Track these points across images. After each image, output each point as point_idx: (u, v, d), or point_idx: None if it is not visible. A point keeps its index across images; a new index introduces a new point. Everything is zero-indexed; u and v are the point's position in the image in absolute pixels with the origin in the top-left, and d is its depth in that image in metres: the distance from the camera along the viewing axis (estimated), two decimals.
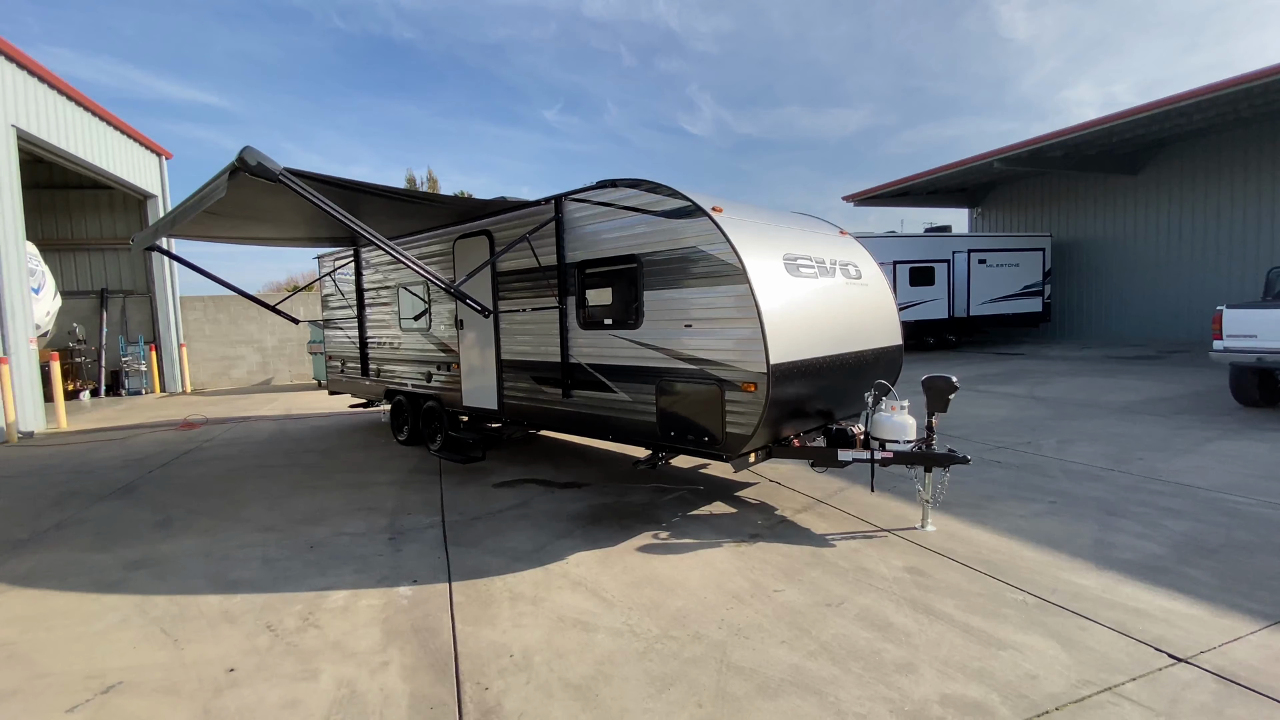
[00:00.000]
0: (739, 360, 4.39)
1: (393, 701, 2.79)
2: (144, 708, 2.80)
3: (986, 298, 19.74)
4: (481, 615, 3.57)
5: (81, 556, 4.70)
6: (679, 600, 3.69)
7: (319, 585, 4.05)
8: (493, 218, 6.33)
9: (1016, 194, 23.62)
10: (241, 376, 17.69)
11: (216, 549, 4.78)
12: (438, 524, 5.19)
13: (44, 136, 10.67)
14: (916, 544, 4.46)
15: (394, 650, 3.22)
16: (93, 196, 15.88)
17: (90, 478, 7.16)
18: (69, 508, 5.99)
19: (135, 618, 3.68)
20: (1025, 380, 12.38)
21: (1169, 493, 5.40)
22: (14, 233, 9.90)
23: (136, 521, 5.52)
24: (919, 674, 2.89)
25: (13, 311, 9.69)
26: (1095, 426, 8.04)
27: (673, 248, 4.75)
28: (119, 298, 16.48)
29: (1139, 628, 3.24)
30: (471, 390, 6.90)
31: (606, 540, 4.68)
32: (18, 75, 10.05)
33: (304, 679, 2.98)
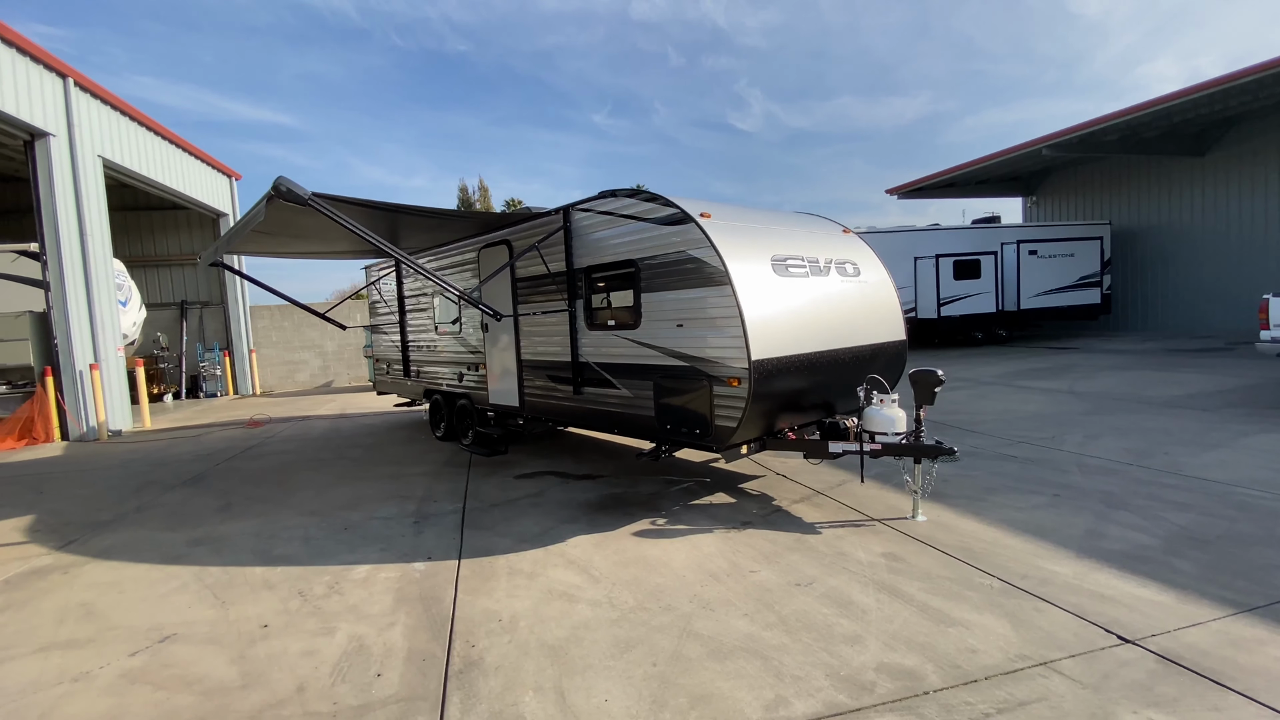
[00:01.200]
0: (724, 357, 4.66)
1: (393, 653, 3.23)
2: (191, 654, 3.34)
3: (1038, 290, 19.02)
4: (481, 587, 3.98)
5: (153, 535, 5.41)
6: (659, 578, 4.00)
7: (348, 560, 4.57)
8: (511, 228, 6.79)
9: (1074, 180, 22.62)
10: (305, 379, 18.97)
11: (266, 529, 5.40)
12: (459, 510, 5.66)
13: (127, 164, 11.89)
14: (902, 532, 4.62)
15: (401, 614, 3.67)
16: (172, 216, 17.42)
17: (166, 469, 8.04)
18: (146, 495, 6.80)
19: (192, 584, 4.28)
20: (1069, 375, 12.01)
21: (1183, 486, 5.32)
22: (103, 252, 11.10)
23: (201, 506, 6.24)
24: (864, 645, 3.11)
25: (102, 323, 10.88)
26: (1129, 421, 7.84)
27: (666, 252, 5.06)
28: (197, 308, 18.00)
29: (1097, 611, 3.34)
30: (497, 389, 7.38)
31: (607, 526, 5.03)
32: (103, 111, 11.26)
33: (323, 634, 3.46)
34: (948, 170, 22.40)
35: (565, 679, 2.93)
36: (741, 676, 2.89)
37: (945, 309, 18.54)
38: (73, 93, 10.23)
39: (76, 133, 10.29)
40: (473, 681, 2.94)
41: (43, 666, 3.26)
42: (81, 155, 10.45)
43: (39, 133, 9.78)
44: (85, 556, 4.94)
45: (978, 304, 18.75)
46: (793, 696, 2.72)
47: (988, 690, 2.71)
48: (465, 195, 45.73)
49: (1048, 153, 18.00)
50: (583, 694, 2.80)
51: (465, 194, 45.93)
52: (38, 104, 9.59)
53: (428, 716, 2.70)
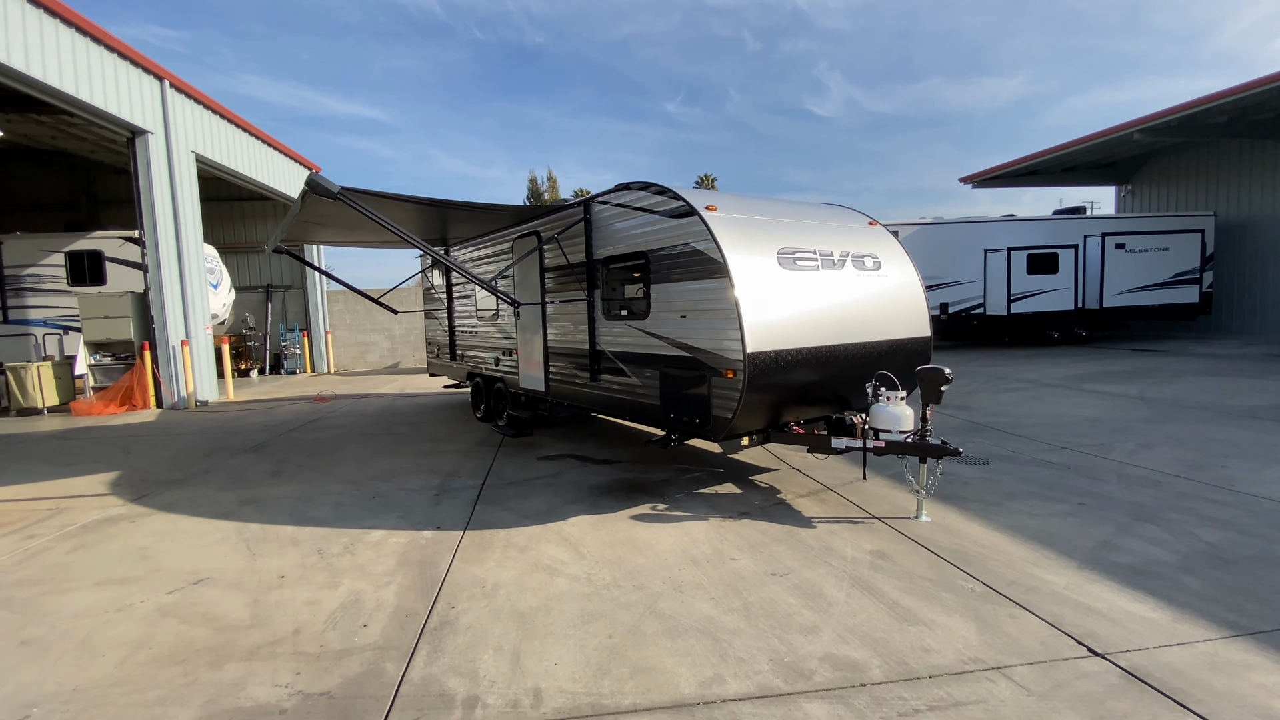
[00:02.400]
0: (721, 348, 4.72)
1: (382, 608, 3.55)
2: (216, 595, 3.79)
3: (1125, 287, 17.63)
4: (476, 557, 4.27)
5: (211, 494, 6.06)
6: (642, 559, 4.15)
7: (367, 525, 4.98)
8: (540, 220, 7.05)
9: (1174, 168, 20.70)
10: (374, 360, 20.19)
11: (306, 494, 5.93)
12: (478, 486, 6.01)
13: (216, 159, 13.04)
14: (900, 532, 4.55)
15: (399, 575, 4.00)
16: (259, 206, 18.91)
17: (236, 437, 8.89)
18: (215, 459, 7.57)
19: (232, 537, 4.80)
20: (1144, 379, 11.17)
21: (1228, 502, 4.95)
22: (194, 239, 12.26)
23: (257, 471, 6.90)
24: (818, 635, 3.16)
25: (193, 304, 12.03)
26: (1194, 431, 7.28)
27: (673, 244, 5.16)
28: (280, 292, 19.49)
29: (1075, 623, 3.23)
30: (526, 374, 7.70)
31: (608, 508, 5.22)
32: (196, 110, 12.39)
33: (328, 588, 3.84)
34: (1030, 156, 21.02)
35: (525, 643, 3.15)
36: (688, 654, 3.01)
37: (1016, 305, 17.52)
38: (169, 93, 11.33)
39: (172, 130, 11.40)
40: (443, 639, 3.21)
41: (95, 598, 3.80)
42: (176, 151, 11.56)
43: (139, 130, 10.90)
44: (152, 509, 5.61)
45: (1053, 301, 17.60)
46: (730, 676, 2.82)
47: (927, 688, 2.72)
48: (535, 186, 46.83)
49: (1140, 137, 16.56)
50: (536, 657, 3.01)
51: (535, 185, 47.03)
52: (137, 104, 10.69)
53: (395, 664, 2.99)
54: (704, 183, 48.22)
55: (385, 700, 2.71)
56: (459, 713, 2.62)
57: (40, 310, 13.75)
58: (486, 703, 2.68)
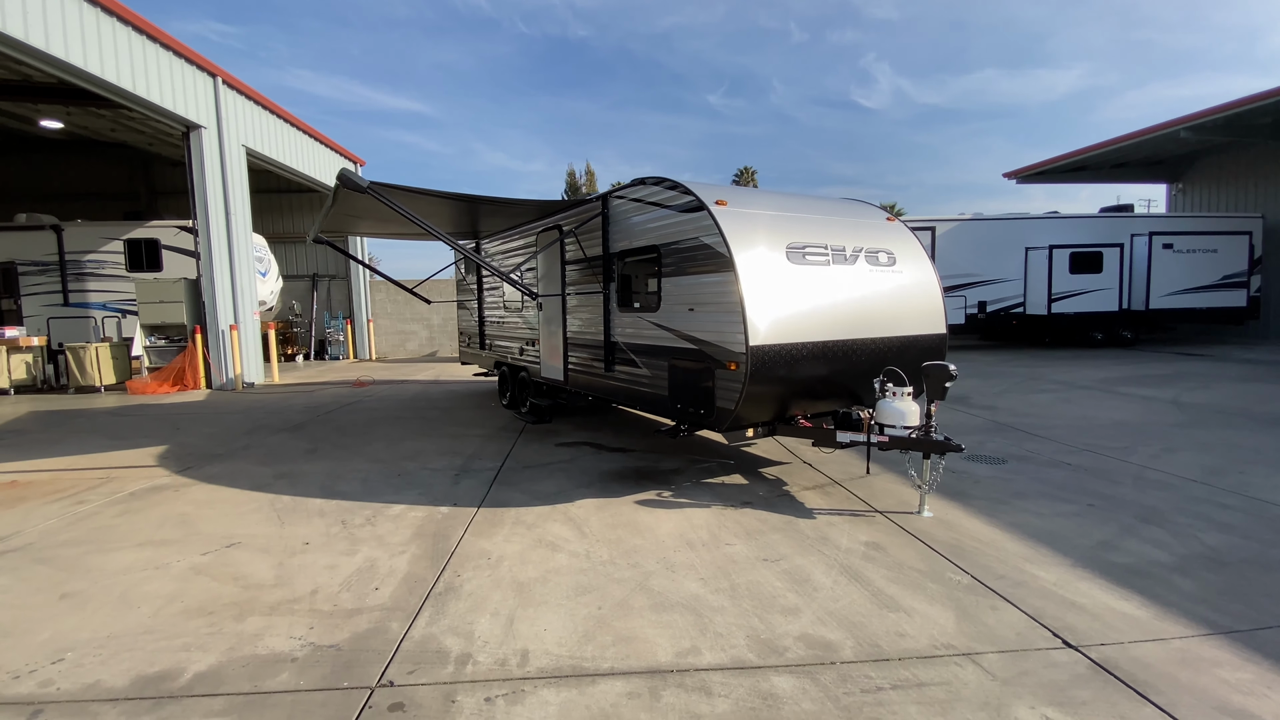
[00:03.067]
0: (725, 341, 4.86)
1: (394, 574, 3.83)
2: (245, 558, 4.13)
3: (1172, 289, 16.98)
4: (486, 531, 4.52)
5: (250, 468, 6.49)
6: (640, 540, 4.34)
7: (390, 500, 5.30)
8: (563, 214, 7.27)
9: (1226, 167, 19.72)
10: (414, 348, 20.85)
11: (336, 470, 6.30)
12: (496, 469, 6.28)
13: (266, 152, 13.68)
14: (899, 526, 4.63)
15: (413, 545, 4.28)
16: (307, 198, 19.69)
17: (277, 417, 9.40)
18: (256, 436, 8.06)
19: (265, 507, 5.17)
20: (1182, 383, 10.82)
21: (1239, 508, 4.87)
22: (244, 228, 12.91)
23: (294, 449, 7.33)
24: (798, 617, 3.30)
25: (242, 290, 12.69)
26: (1221, 436, 7.09)
27: (683, 239, 5.30)
28: (325, 281, 20.28)
29: (1056, 616, 3.29)
30: (547, 363, 7.96)
31: (616, 493, 5.42)
32: (246, 105, 13.02)
33: (346, 554, 4.14)
34: (1077, 152, 20.33)
35: (520, 610, 3.37)
36: (670, 627, 3.19)
37: (1057, 305, 17.03)
38: (221, 89, 11.94)
39: (224, 125, 12.03)
40: (445, 603, 3.46)
41: (136, 556, 4.19)
42: (228, 144, 12.19)
43: (193, 125, 11.54)
44: (195, 480, 6.05)
45: (1097, 301, 17.04)
46: (706, 649, 2.99)
47: (894, 669, 2.84)
48: (572, 180, 47.31)
49: (1186, 135, 15.86)
50: (528, 623, 3.23)
51: (573, 178, 47.50)
52: (191, 100, 11.32)
53: (400, 623, 3.25)
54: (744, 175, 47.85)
55: (387, 654, 2.96)
56: (451, 668, 2.85)
57: (100, 294, 14.68)
58: (478, 660, 2.91)
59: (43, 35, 8.52)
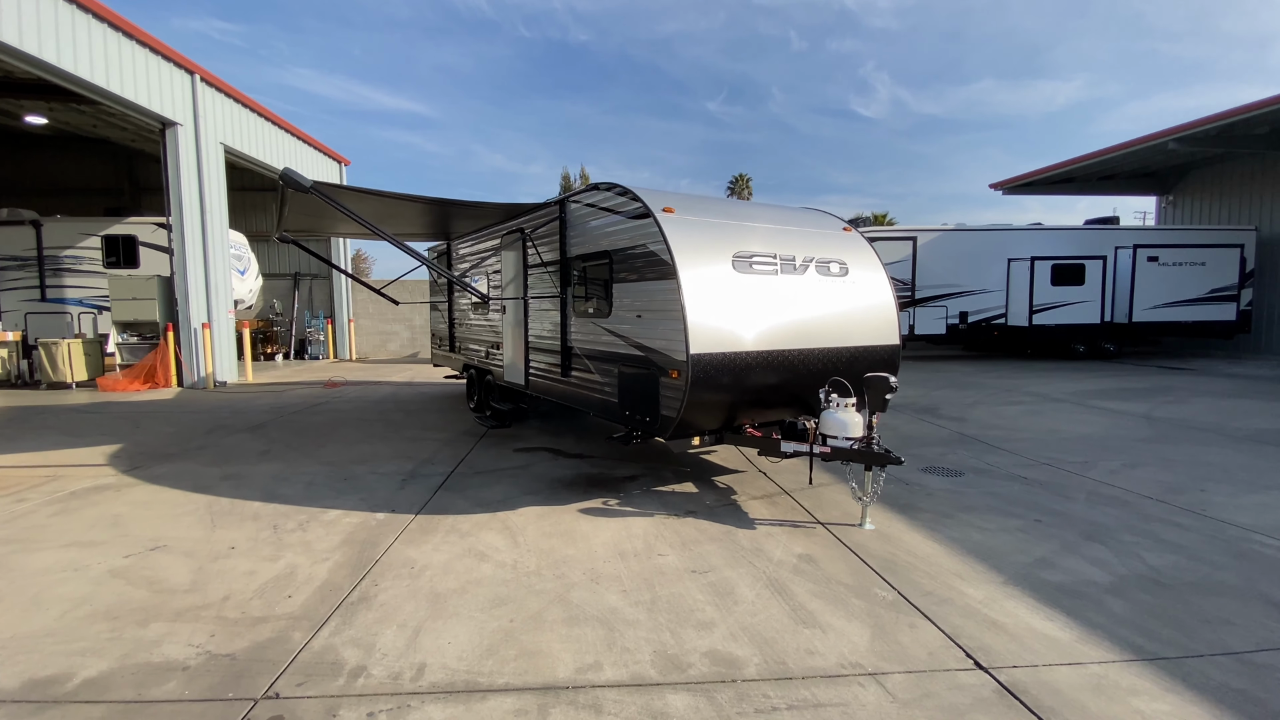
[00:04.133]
0: (669, 349, 4.81)
1: (311, 582, 3.76)
2: (166, 561, 4.06)
3: (1156, 302, 16.98)
4: (417, 539, 4.45)
5: (198, 468, 6.41)
6: (572, 550, 4.27)
7: (328, 504, 5.22)
8: (525, 217, 7.22)
9: (1217, 179, 19.79)
10: (395, 349, 20.78)
11: (284, 473, 6.22)
12: (447, 474, 6.21)
13: (245, 150, 13.64)
14: (837, 538, 4.57)
15: (339, 553, 4.21)
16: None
17: (241, 417, 9.32)
18: (213, 436, 7.98)
19: (202, 510, 5.10)
20: (1158, 397, 10.79)
21: (1191, 527, 4.82)
22: (220, 226, 12.84)
23: (248, 450, 7.25)
24: (710, 632, 3.23)
25: (216, 288, 12.62)
26: (1188, 452, 7.05)
27: (632, 245, 5.25)
28: (307, 280, 20.21)
29: (972, 636, 3.23)
30: (510, 367, 7.89)
31: (563, 500, 5.35)
32: (226, 103, 12.98)
33: (269, 560, 4.07)
34: (1065, 163, 20.38)
35: (429, 622, 3.30)
36: (577, 641, 3.12)
37: (1038, 317, 17.02)
38: (199, 87, 11.90)
39: (201, 122, 11.97)
40: (355, 613, 3.39)
41: (59, 558, 4.11)
42: (205, 142, 12.14)
43: (168, 122, 11.49)
44: (139, 480, 5.97)
45: (1079, 313, 17.04)
46: (608, 664, 2.92)
47: (795, 688, 2.77)
48: (567, 183, 47.45)
49: (1176, 146, 15.89)
50: (434, 635, 3.16)
51: (567, 182, 47.66)
52: (168, 97, 11.27)
53: (303, 633, 3.18)
54: (739, 182, 48.00)
55: (281, 665, 2.89)
56: (343, 680, 2.78)
57: (76, 290, 14.61)
58: (371, 673, 2.84)
59: (15, 31, 8.47)
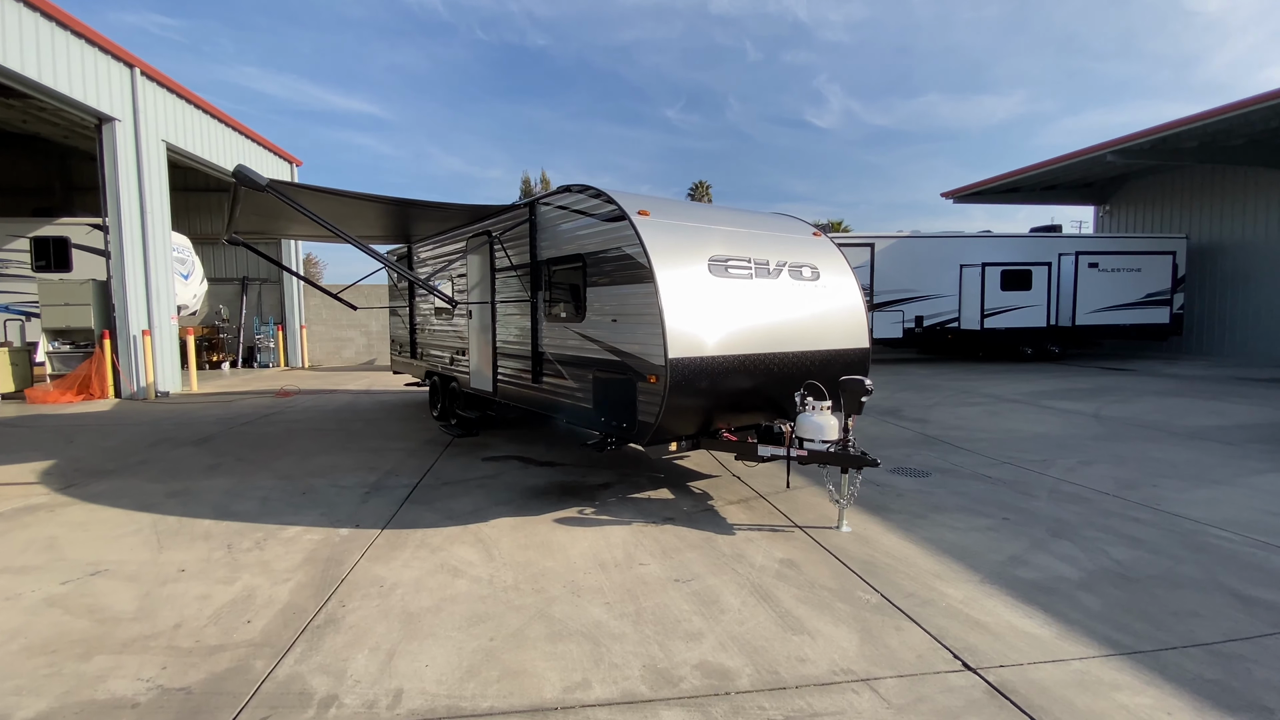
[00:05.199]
0: (646, 354, 4.73)
1: (271, 605, 3.52)
2: (108, 587, 3.74)
3: (1097, 306, 17.85)
4: (385, 556, 4.24)
5: (142, 485, 5.99)
6: (551, 562, 4.13)
7: (286, 521, 4.94)
8: (492, 219, 7.04)
9: (1150, 190, 20.97)
10: (350, 356, 20.09)
11: (237, 488, 5.88)
12: (412, 485, 5.97)
13: (189, 149, 12.97)
14: (816, 541, 4.56)
15: (300, 572, 3.97)
16: None
17: (186, 429, 8.81)
18: (156, 450, 7.50)
19: (146, 529, 4.75)
20: (1104, 397, 11.28)
21: (1148, 521, 4.99)
22: (161, 228, 12.17)
23: (196, 464, 6.83)
24: (699, 643, 3.15)
25: (157, 293, 11.94)
26: (1137, 449, 7.35)
27: (606, 248, 5.16)
28: (256, 284, 19.38)
29: (957, 636, 3.24)
30: (477, 374, 7.68)
31: (536, 510, 5.20)
32: (168, 98, 12.33)
33: (224, 583, 3.80)
34: (1011, 173, 21.23)
35: (404, 644, 3.12)
36: (563, 659, 3.00)
37: (990, 320, 17.67)
38: (139, 81, 11.27)
39: (141, 118, 11.33)
40: (322, 637, 3.18)
41: None
42: (145, 139, 11.49)
43: (105, 117, 10.84)
44: (75, 499, 5.54)
45: (1026, 317, 17.77)
46: (597, 682, 2.81)
47: (789, 698, 2.72)
48: (528, 188, 47.02)
49: (1113, 158, 16.76)
50: (409, 658, 2.99)
51: (528, 187, 47.23)
52: (105, 91, 10.63)
53: (266, 661, 2.96)
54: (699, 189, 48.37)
55: (242, 698, 2.68)
56: (312, 712, 2.59)
57: (2, 296, 13.61)
58: (343, 703, 2.65)
59: None
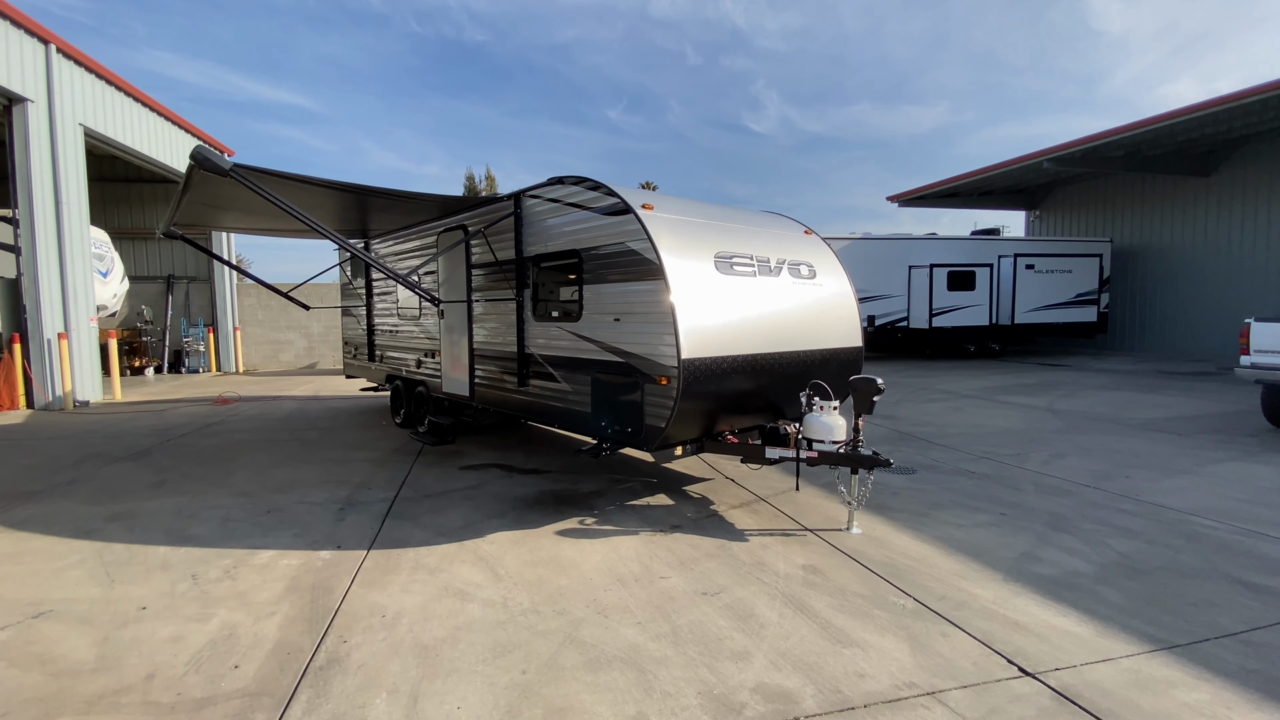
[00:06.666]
0: (655, 354, 4.50)
1: (259, 644, 3.09)
2: (58, 632, 3.21)
3: (1034, 305, 18.78)
4: (379, 580, 3.84)
5: (75, 508, 5.30)
6: (565, 579, 3.85)
7: (256, 544, 4.44)
8: (468, 213, 6.64)
9: (1077, 196, 22.30)
10: (290, 360, 18.90)
11: (189, 508, 5.28)
12: (390, 499, 5.53)
13: (111, 134, 11.81)
14: (831, 545, 4.45)
15: (286, 603, 3.53)
16: (162, 189, 17.36)
17: (117, 443, 7.95)
18: (86, 467, 6.70)
19: (91, 560, 4.16)
20: (1053, 392, 11.79)
21: (1135, 512, 5.14)
22: (79, 222, 11.02)
23: (136, 482, 6.13)
24: (749, 662, 2.95)
25: (75, 293, 10.80)
26: (1099, 442, 7.65)
27: (607, 244, 4.90)
28: (183, 283, 17.95)
29: (1005, 639, 3.18)
30: (450, 377, 7.24)
31: (532, 523, 4.88)
32: (87, 79, 11.17)
33: (197, 620, 3.33)
34: (950, 179, 22.10)
35: (426, 682, 2.78)
36: (609, 690, 2.73)
37: (937, 320, 18.30)
38: (54, 59, 10.15)
39: (56, 100, 10.21)
40: (329, 680, 2.80)
41: None
42: (61, 123, 10.36)
43: (16, 98, 9.69)
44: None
45: (971, 316, 18.51)
46: (654, 714, 2.57)
47: (863, 719, 2.55)
48: (472, 185, 45.74)
49: (1049, 166, 17.71)
50: (437, 700, 2.66)
51: (472, 183, 45.94)
52: (15, 69, 9.50)
53: (268, 714, 2.56)
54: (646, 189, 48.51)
55: None
56: None
57: None
58: None
59: None
